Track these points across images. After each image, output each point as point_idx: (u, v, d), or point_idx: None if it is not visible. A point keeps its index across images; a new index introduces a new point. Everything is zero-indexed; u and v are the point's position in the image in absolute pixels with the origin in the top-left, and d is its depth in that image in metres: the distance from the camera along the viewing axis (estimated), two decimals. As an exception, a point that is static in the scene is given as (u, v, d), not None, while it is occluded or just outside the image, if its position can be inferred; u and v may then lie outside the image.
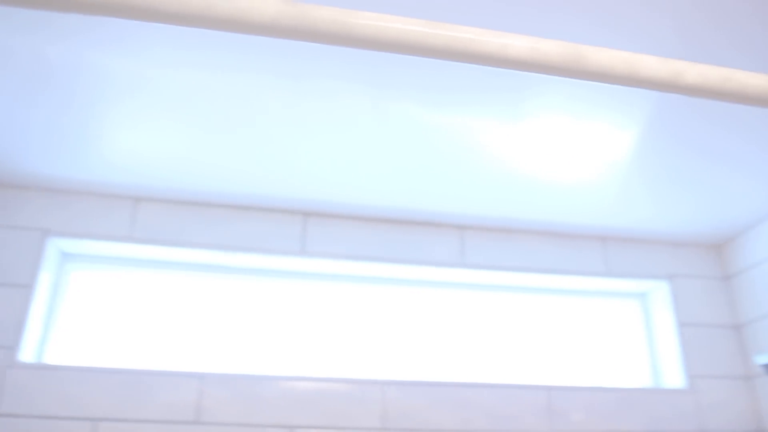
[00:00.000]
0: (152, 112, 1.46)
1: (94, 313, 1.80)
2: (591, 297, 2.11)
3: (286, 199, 1.84)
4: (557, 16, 1.18)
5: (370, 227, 1.94)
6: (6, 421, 1.55)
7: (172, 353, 1.79)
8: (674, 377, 1.98)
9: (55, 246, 1.79)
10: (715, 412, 1.93)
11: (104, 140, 1.57)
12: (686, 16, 1.19)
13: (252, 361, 1.82)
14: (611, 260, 2.06)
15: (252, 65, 1.31)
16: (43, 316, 1.74)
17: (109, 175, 1.73)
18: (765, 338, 1.95)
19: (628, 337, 2.10)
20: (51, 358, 1.73)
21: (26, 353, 1.65)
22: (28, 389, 1.59)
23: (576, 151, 1.62)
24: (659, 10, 1.17)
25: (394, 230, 1.95)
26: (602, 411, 1.85)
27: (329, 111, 1.47)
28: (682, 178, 1.77)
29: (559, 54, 0.73)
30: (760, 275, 1.99)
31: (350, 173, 1.72)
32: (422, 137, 1.56)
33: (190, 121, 1.49)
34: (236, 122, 1.50)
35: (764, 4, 1.16)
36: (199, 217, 1.85)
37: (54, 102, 1.42)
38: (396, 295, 1.98)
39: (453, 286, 2.02)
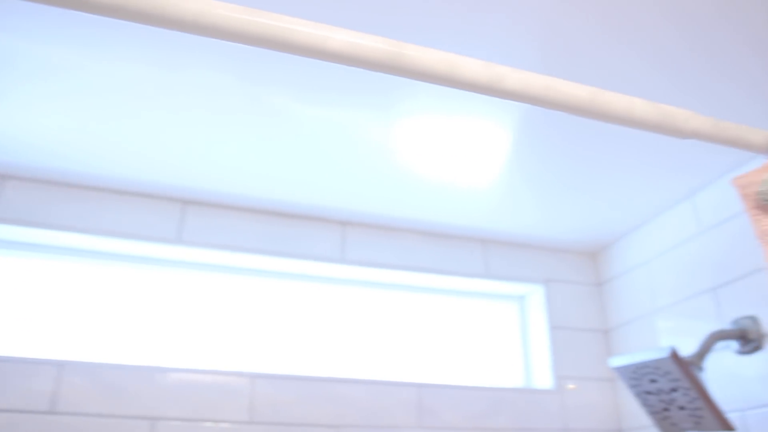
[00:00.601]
0: (22, 89, 1.40)
1: (-50, 294, 1.71)
2: (470, 298, 2.16)
3: (165, 186, 1.80)
4: (400, 13, 1.20)
5: (250, 218, 1.92)
6: None
7: (31, 340, 1.72)
8: (544, 378, 2.05)
9: None
10: (579, 412, 2.01)
11: (-37, 113, 1.49)
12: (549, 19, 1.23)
13: (116, 350, 1.76)
14: (491, 263, 2.11)
15: (126, 53, 1.28)
16: None
17: (-29, 150, 1.64)
18: (629, 342, 2.04)
19: (504, 339, 2.16)
20: None
21: None
22: None
23: (456, 152, 1.65)
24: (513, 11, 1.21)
25: (275, 223, 1.93)
26: (472, 409, 1.90)
27: (206, 101, 1.44)
28: (562, 186, 1.83)
29: (379, 50, 0.74)
30: (628, 282, 2.09)
31: (229, 164, 1.69)
32: (301, 131, 1.56)
33: (67, 101, 1.44)
34: (113, 107, 1.45)
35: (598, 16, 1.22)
36: (72, 199, 1.78)
37: None
38: (273, 288, 1.97)
39: (333, 281, 2.02)
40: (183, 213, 1.86)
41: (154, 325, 1.82)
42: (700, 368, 1.58)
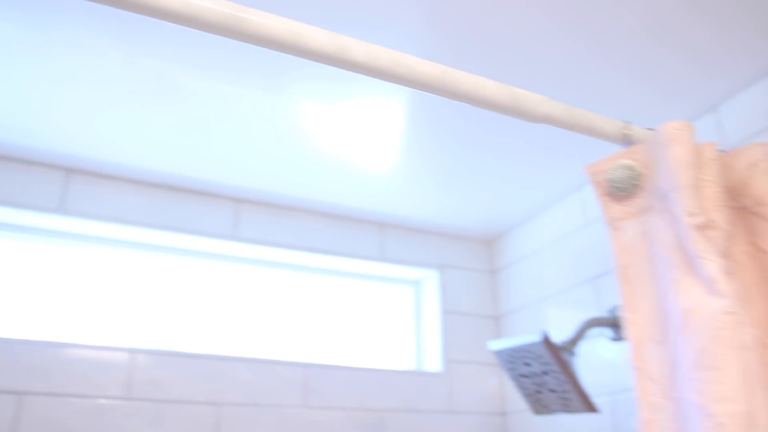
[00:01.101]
0: None
1: None
2: (366, 280, 2.16)
3: (46, 152, 1.72)
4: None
5: (138, 190, 1.86)
6: None
7: None
8: (434, 361, 2.08)
9: None
10: (465, 395, 2.05)
11: None
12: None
13: (-10, 322, 1.68)
14: (386, 246, 2.12)
15: (-19, -4, 1.21)
16: None
17: None
18: (518, 328, 2.09)
19: (398, 322, 2.17)
20: None
21: None
22: None
23: (352, 134, 1.64)
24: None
25: (164, 196, 1.88)
26: (358, 390, 1.90)
27: (84, 64, 1.38)
28: (461, 173, 1.85)
29: (218, 12, 0.72)
30: (520, 271, 2.13)
31: (111, 132, 1.63)
32: (192, 104, 1.51)
33: None
34: (-25, 59, 1.37)
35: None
36: (-57, 161, 1.68)
37: None
38: (161, 263, 1.92)
39: (224, 258, 1.99)
40: (66, 181, 1.78)
41: (27, 297, 1.74)
42: (573, 353, 1.62)
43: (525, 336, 1.55)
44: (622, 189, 0.96)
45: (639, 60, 1.37)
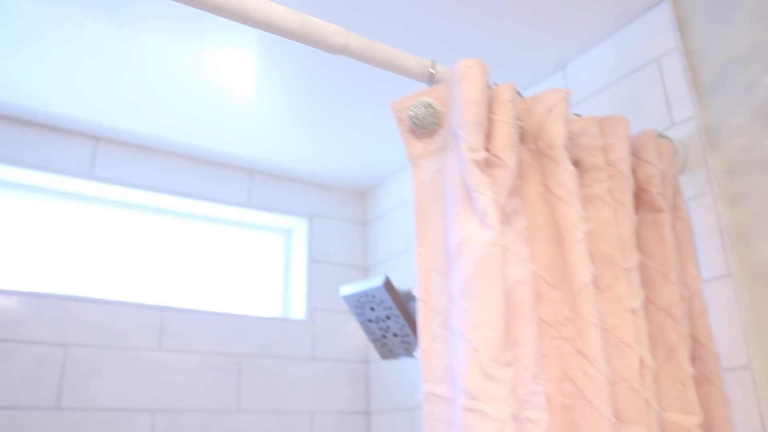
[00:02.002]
0: None
1: None
2: (236, 227, 2.14)
3: None
4: None
5: (-17, 122, 1.77)
6: None
7: None
8: (298, 309, 2.09)
9: None
10: (328, 342, 2.07)
11: None
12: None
13: None
14: (256, 193, 2.10)
15: None
16: None
17: None
18: (384, 279, 2.12)
19: (268, 270, 2.17)
20: None
21: None
22: None
23: (214, 76, 1.60)
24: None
25: (16, 130, 1.79)
26: (217, 335, 1.90)
27: None
28: (333, 122, 1.84)
29: None
30: (390, 221, 2.16)
31: (-56, 54, 1.54)
32: (39, 33, 1.43)
33: None
34: None
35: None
36: None
37: None
38: (13, 201, 1.84)
39: (82, 198, 1.92)
40: None
41: None
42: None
43: (369, 281, 1.57)
44: (422, 126, 0.97)
45: (489, 20, 1.39)
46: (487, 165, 0.90)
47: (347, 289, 1.65)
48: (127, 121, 1.82)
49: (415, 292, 0.93)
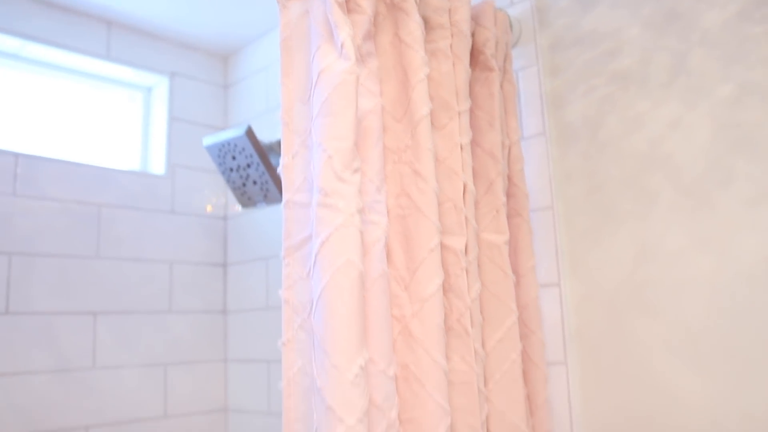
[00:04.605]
0: None
1: None
2: (95, 80, 2.12)
3: None
4: None
5: None
6: None
7: None
8: (158, 164, 2.15)
9: None
10: (187, 198, 2.16)
11: None
12: None
13: None
14: (115, 46, 2.08)
15: None
16: None
17: None
18: (244, 141, 2.22)
19: (127, 125, 2.19)
20: None
21: None
22: None
23: None
24: None
25: None
26: (77, 185, 1.92)
27: None
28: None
29: None
30: (252, 85, 2.23)
31: None
32: None
33: None
34: None
35: None
36: None
37: None
38: None
39: None
40: None
41: None
42: (279, 154, 1.79)
43: (232, 130, 1.67)
44: (289, -30, 1.07)
45: None
46: (348, 9, 1.02)
47: (210, 140, 1.74)
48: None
49: (280, 117, 1.05)
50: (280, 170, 1.04)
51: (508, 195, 1.32)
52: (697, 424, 1.17)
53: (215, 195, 2.24)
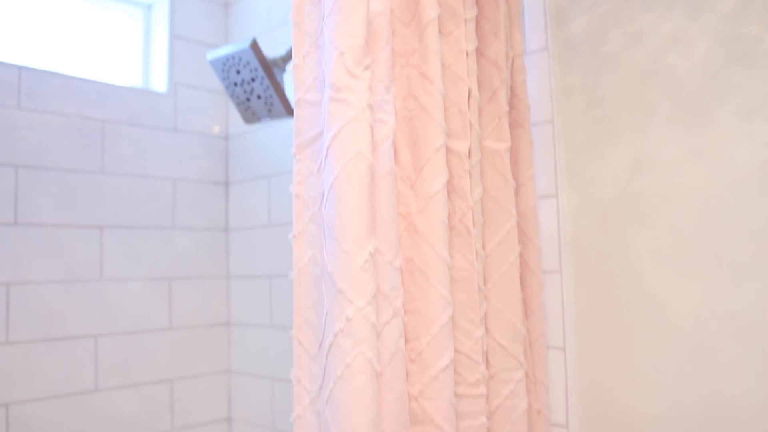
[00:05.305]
0: None
1: None
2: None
3: None
4: None
5: None
6: None
7: None
8: (160, 82, 2.16)
9: None
10: (190, 116, 2.18)
11: None
12: None
13: None
14: (115, -41, 2.06)
15: None
16: None
17: None
18: (245, 61, 2.22)
19: (129, 43, 2.18)
20: None
21: None
22: None
23: None
24: None
25: None
26: (81, 99, 1.93)
27: None
28: None
29: None
30: (253, 2, 2.22)
31: None
32: None
33: None
34: None
35: None
36: None
37: None
38: None
39: None
40: None
41: None
42: (284, 69, 1.80)
43: (236, 44, 1.68)
44: None
45: None
46: None
47: (214, 54, 1.75)
48: None
49: (292, 18, 1.07)
50: (291, 69, 1.07)
51: (510, 106, 1.34)
52: (682, 324, 1.24)
53: (217, 114, 2.25)
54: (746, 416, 1.16)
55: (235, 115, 2.24)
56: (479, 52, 1.27)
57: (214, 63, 1.75)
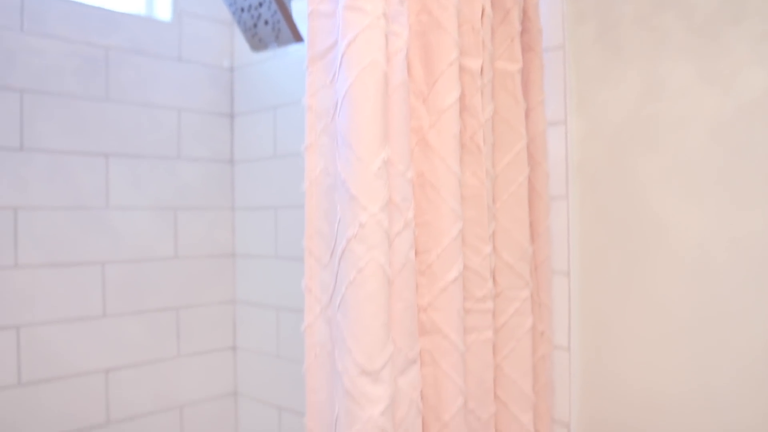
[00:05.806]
0: None
1: None
2: None
3: None
4: None
5: None
6: None
7: None
8: (165, 10, 2.13)
9: None
10: (195, 46, 2.16)
11: None
12: None
13: None
14: None
15: None
16: None
17: None
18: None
19: (131, -30, 2.14)
20: None
21: None
22: None
23: None
24: None
25: None
26: (86, 25, 1.91)
27: None
28: None
29: None
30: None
31: None
32: None
33: None
34: None
35: None
36: None
37: None
38: None
39: None
40: None
41: None
42: (290, -5, 1.78)
43: (244, -34, 1.65)
44: None
45: None
46: None
47: (221, -23, 1.72)
48: None
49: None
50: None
51: (522, 29, 1.33)
52: (685, 249, 1.25)
53: (222, 44, 2.23)
54: (746, 338, 1.19)
55: (240, 46, 2.21)
56: (492, -28, 1.25)
57: (220, -13, 1.72)
